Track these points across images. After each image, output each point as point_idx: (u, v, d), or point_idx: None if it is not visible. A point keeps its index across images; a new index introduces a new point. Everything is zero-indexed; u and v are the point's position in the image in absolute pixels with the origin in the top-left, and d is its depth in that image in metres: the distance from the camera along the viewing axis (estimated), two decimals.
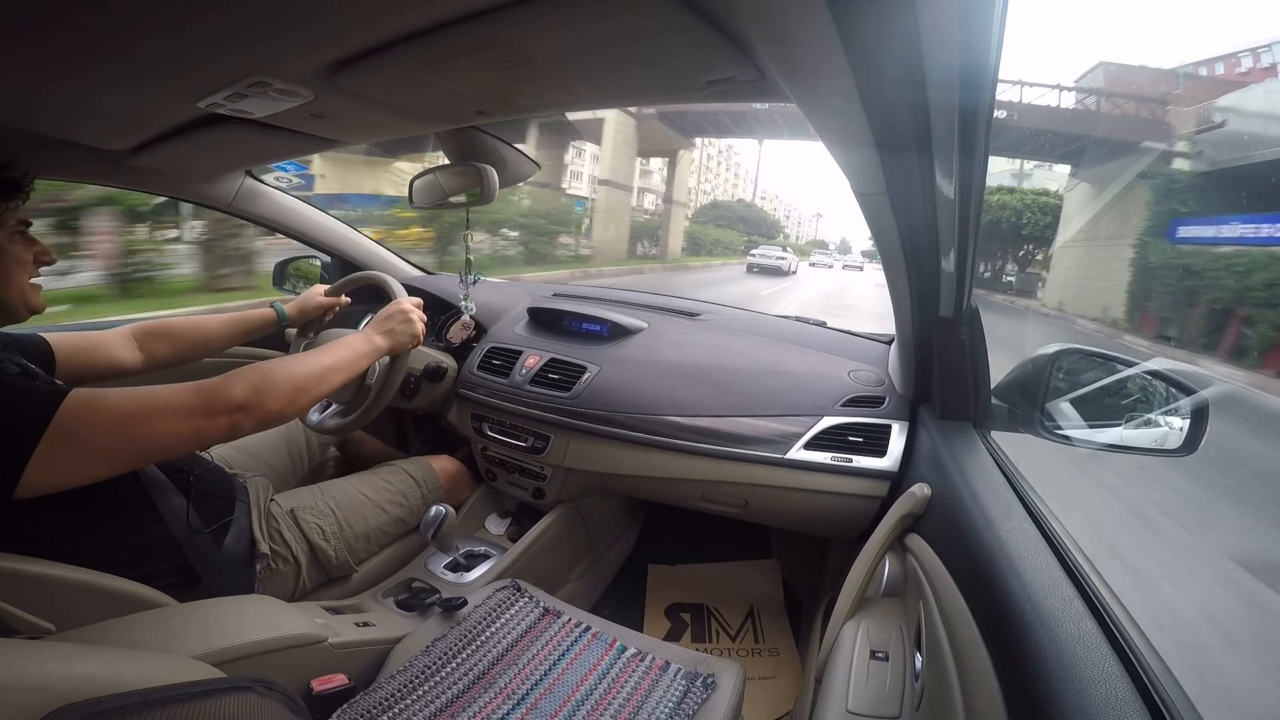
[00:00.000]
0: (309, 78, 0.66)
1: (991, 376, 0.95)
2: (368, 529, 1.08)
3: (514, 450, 1.30)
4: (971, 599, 0.59)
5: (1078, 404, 0.98)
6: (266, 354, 1.48)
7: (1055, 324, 11.45)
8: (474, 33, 0.54)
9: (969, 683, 0.52)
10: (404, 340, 1.02)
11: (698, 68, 0.59)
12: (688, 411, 1.16)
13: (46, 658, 0.47)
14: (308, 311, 1.23)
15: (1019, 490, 0.74)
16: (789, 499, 1.11)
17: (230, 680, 0.56)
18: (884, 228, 0.73)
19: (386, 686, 0.80)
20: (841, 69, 0.44)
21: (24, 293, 0.77)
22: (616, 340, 1.35)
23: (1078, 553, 0.59)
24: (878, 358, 1.26)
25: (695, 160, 45.25)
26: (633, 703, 0.81)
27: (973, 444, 0.89)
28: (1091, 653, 0.44)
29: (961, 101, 0.48)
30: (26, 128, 0.86)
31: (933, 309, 0.89)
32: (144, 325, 1.05)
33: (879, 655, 0.74)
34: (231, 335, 1.14)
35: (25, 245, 0.77)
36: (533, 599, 1.01)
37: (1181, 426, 0.86)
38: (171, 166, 1.15)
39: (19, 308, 0.77)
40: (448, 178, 1.14)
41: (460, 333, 1.48)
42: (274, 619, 0.76)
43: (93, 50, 0.59)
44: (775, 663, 1.33)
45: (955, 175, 0.57)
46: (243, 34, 0.55)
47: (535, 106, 0.78)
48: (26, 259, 0.77)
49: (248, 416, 0.71)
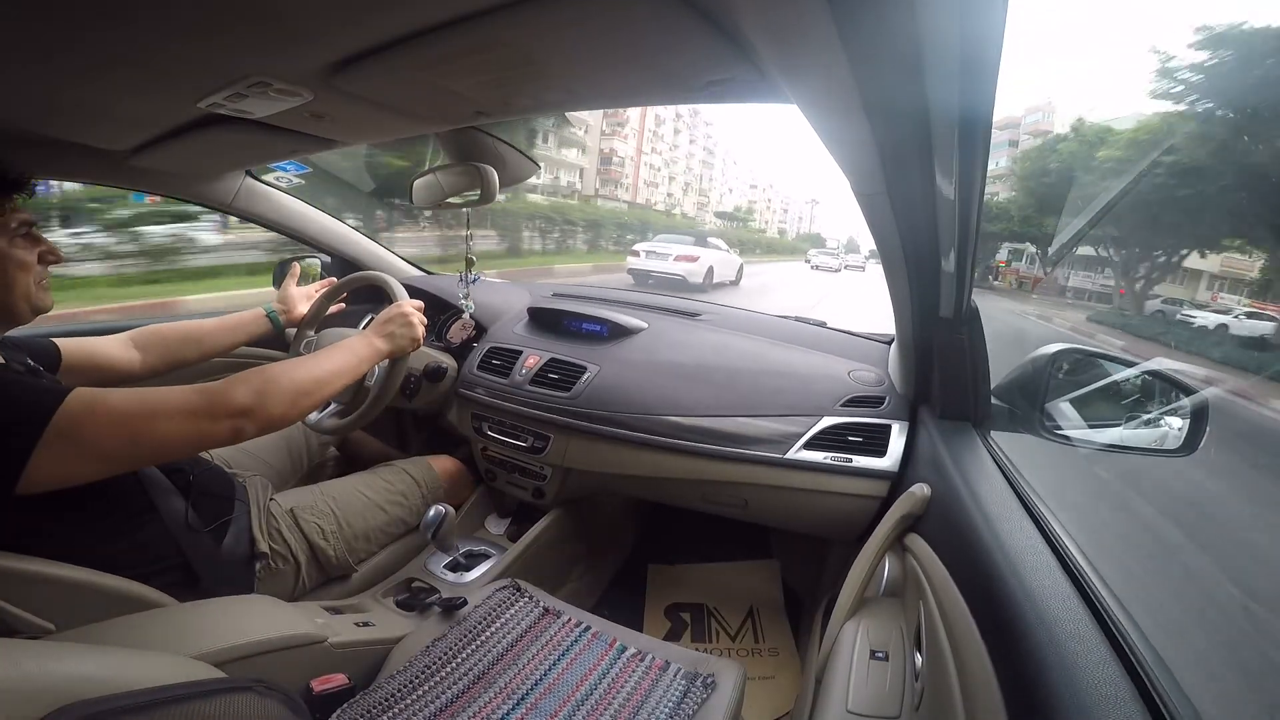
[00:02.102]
0: (309, 78, 0.66)
1: (991, 376, 0.95)
2: (367, 529, 1.08)
3: (514, 450, 1.30)
4: (971, 599, 0.59)
5: (1078, 404, 0.98)
6: (269, 355, 1.48)
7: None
8: (474, 33, 0.54)
9: (969, 683, 0.52)
10: (404, 344, 1.03)
11: (698, 68, 0.60)
12: (687, 411, 1.16)
13: (46, 658, 0.47)
14: (291, 304, 1.25)
15: (1019, 490, 0.74)
16: (789, 499, 1.11)
17: (230, 680, 0.56)
18: (884, 228, 0.73)
19: (386, 686, 0.80)
20: (841, 69, 0.44)
21: (28, 296, 0.76)
22: (616, 340, 1.35)
23: (1077, 552, 0.59)
24: (878, 358, 1.26)
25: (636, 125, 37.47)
26: (633, 702, 0.81)
27: (973, 444, 0.89)
28: (1091, 653, 0.44)
29: (961, 101, 0.48)
30: (27, 128, 0.86)
31: (933, 309, 0.89)
32: (144, 329, 1.06)
33: (879, 655, 0.74)
34: (227, 339, 1.15)
35: (29, 247, 0.76)
36: (533, 599, 1.01)
37: (1181, 426, 0.86)
38: (172, 166, 1.15)
39: (23, 311, 0.77)
40: (448, 178, 1.14)
41: (460, 333, 1.48)
42: (274, 619, 0.76)
43: (93, 51, 0.59)
44: (775, 663, 1.33)
45: (955, 175, 0.57)
46: (243, 34, 0.55)
47: (535, 106, 0.78)
48: (29, 261, 0.75)
49: (251, 421, 0.71)
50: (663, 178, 44.84)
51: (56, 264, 0.80)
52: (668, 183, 45.92)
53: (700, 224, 38.41)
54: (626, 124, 37.68)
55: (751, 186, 72.15)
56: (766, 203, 77.58)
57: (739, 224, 49.84)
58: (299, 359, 0.84)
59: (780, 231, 75.20)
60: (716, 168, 57.65)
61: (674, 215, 39.86)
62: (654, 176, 43.41)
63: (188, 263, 5.24)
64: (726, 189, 61.84)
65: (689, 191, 51.00)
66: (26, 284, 0.75)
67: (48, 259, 0.79)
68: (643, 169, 41.04)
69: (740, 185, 67.23)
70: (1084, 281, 18.74)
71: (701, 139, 51.72)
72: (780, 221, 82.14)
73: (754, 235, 42.63)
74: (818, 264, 25.38)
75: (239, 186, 1.35)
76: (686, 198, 50.01)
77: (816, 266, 24.69)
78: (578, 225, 13.83)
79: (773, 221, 78.79)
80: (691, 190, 51.74)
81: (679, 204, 47.79)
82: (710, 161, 55.34)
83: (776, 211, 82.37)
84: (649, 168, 42.32)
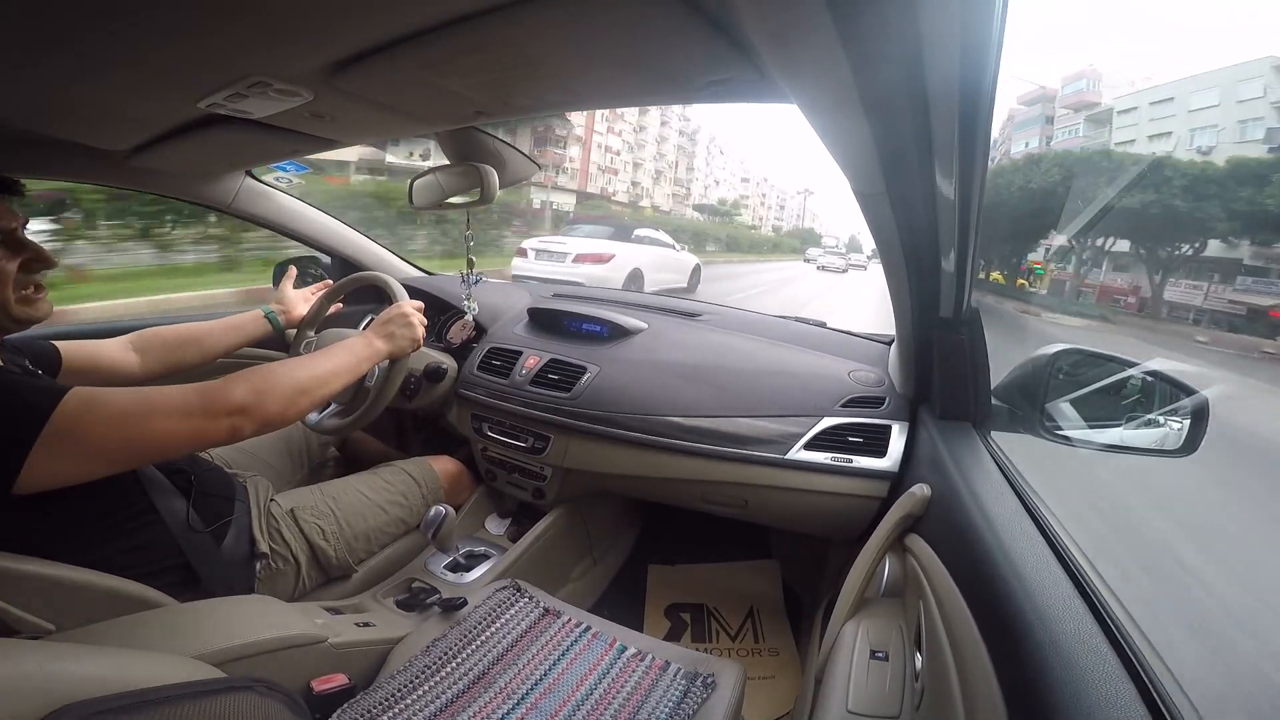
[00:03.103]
0: (309, 78, 0.66)
1: (991, 376, 0.95)
2: (368, 529, 1.08)
3: (514, 450, 1.30)
4: (971, 599, 0.59)
5: (1078, 404, 0.98)
6: (270, 355, 1.48)
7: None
8: (474, 33, 0.54)
9: (969, 683, 0.52)
10: (404, 345, 1.03)
11: (698, 68, 0.59)
12: (687, 412, 1.16)
13: (46, 658, 0.47)
14: (290, 305, 1.25)
15: (1019, 490, 0.74)
16: (789, 499, 1.11)
17: (230, 680, 0.56)
18: (884, 228, 0.73)
19: (386, 686, 0.80)
20: (841, 69, 0.44)
21: (9, 305, 0.71)
22: (616, 340, 1.35)
23: (1077, 552, 0.59)
24: (878, 358, 1.26)
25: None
26: (633, 702, 0.81)
27: (973, 444, 0.89)
28: (1091, 653, 0.44)
29: (961, 101, 0.48)
30: (26, 128, 0.86)
31: (933, 309, 0.89)
32: (143, 332, 1.06)
33: (879, 655, 0.74)
34: (228, 341, 1.15)
35: (7, 256, 0.70)
36: (533, 599, 1.01)
37: (1181, 426, 0.86)
38: (171, 166, 1.15)
39: (3, 322, 0.72)
40: (448, 178, 1.14)
41: (460, 333, 1.48)
42: (274, 619, 0.76)
43: (93, 51, 0.59)
44: (775, 663, 1.33)
45: (955, 175, 0.57)
46: (243, 34, 0.55)
47: (535, 106, 0.78)
48: (8, 270, 0.70)
49: (248, 419, 0.71)
50: (624, 164, 37.77)
51: (46, 269, 0.75)
52: (632, 169, 39.16)
53: (676, 218, 34.82)
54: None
55: (743, 180, 66.61)
56: (761, 198, 73.15)
57: (724, 219, 46.16)
58: (298, 359, 0.84)
59: (775, 229, 69.96)
60: (699, 157, 50.34)
61: (642, 209, 35.99)
62: (612, 162, 36.57)
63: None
64: (713, 180, 55.73)
65: (661, 181, 43.82)
66: (7, 294, 0.71)
67: (34, 266, 0.74)
68: (598, 152, 34.70)
69: (731, 179, 61.65)
70: (1188, 294, 11.56)
71: (677, 121, 44.40)
72: (776, 218, 77.41)
73: (740, 232, 38.07)
74: (824, 264, 24.11)
75: (239, 187, 1.35)
76: (658, 188, 43.24)
77: (823, 267, 23.34)
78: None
79: (768, 218, 74.46)
80: (665, 180, 44.53)
81: (648, 195, 41.17)
82: (690, 149, 48.20)
83: (772, 208, 77.96)
84: (604, 150, 35.47)
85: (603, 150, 35.74)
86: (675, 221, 24.90)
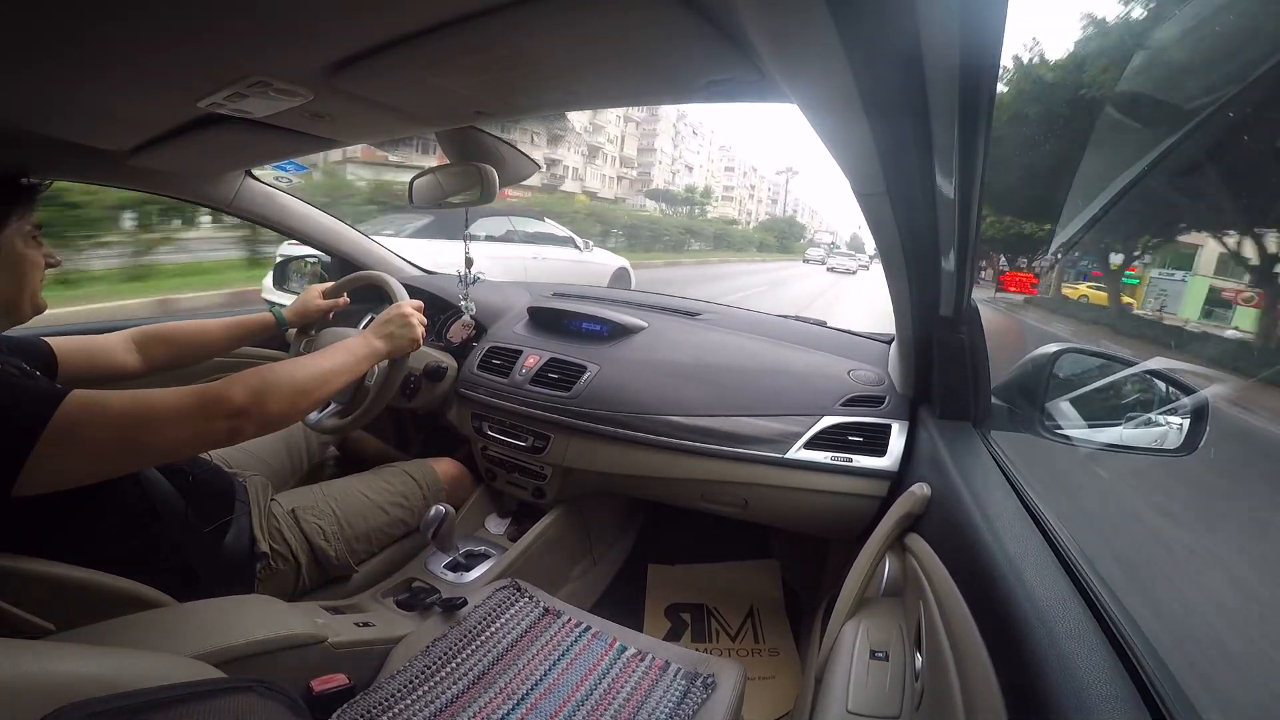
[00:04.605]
0: (309, 78, 0.66)
1: (991, 376, 0.95)
2: (368, 529, 1.08)
3: (514, 450, 1.30)
4: (971, 598, 0.59)
5: (1078, 404, 0.98)
6: (270, 355, 1.48)
7: None
8: (474, 33, 0.54)
9: (969, 682, 0.52)
10: (403, 344, 1.03)
11: (698, 68, 0.60)
12: (687, 411, 1.16)
13: (46, 658, 0.47)
14: (307, 314, 1.23)
15: (1019, 490, 0.74)
16: (789, 499, 1.11)
17: (230, 680, 0.56)
18: (884, 228, 0.73)
19: (386, 686, 0.80)
20: (841, 69, 0.44)
21: (35, 295, 0.79)
22: (616, 340, 1.35)
23: (1077, 552, 0.59)
24: (878, 357, 1.26)
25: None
26: (633, 703, 0.81)
27: (973, 444, 0.89)
28: (1092, 653, 0.44)
29: (961, 102, 0.48)
30: (26, 128, 0.86)
31: (933, 309, 0.89)
32: (144, 329, 1.05)
33: (879, 655, 0.74)
34: (231, 339, 1.14)
35: (38, 249, 0.79)
36: (533, 599, 1.01)
37: (1181, 426, 0.86)
38: (171, 166, 1.15)
39: (28, 310, 0.79)
40: (448, 178, 1.14)
41: (460, 332, 1.48)
42: (274, 619, 0.76)
43: (93, 51, 0.59)
44: (775, 663, 1.33)
45: (955, 175, 0.58)
46: (243, 34, 0.55)
47: (535, 106, 0.78)
48: (40, 262, 0.79)
49: (248, 421, 0.71)
50: (541, 140, 29.92)
51: (55, 268, 0.83)
52: (552, 145, 31.31)
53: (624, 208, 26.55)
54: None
55: (727, 169, 59.33)
56: (749, 189, 65.78)
57: (693, 209, 36.68)
58: (298, 358, 0.84)
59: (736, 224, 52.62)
60: (661, 135, 41.10)
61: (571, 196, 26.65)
62: (519, 136, 25.42)
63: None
64: (683, 165, 47.17)
65: (600, 160, 35.36)
66: (35, 284, 0.79)
67: (49, 262, 0.81)
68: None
69: (713, 166, 53.92)
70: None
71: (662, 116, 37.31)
72: (768, 212, 67.96)
73: (708, 225, 30.54)
74: (833, 265, 22.15)
75: (239, 186, 1.35)
76: (592, 168, 34.88)
77: (832, 268, 21.15)
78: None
79: (758, 212, 66.99)
80: (606, 159, 36.19)
81: (576, 175, 32.82)
82: (650, 128, 39.61)
83: (764, 202, 70.34)
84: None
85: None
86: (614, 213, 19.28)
